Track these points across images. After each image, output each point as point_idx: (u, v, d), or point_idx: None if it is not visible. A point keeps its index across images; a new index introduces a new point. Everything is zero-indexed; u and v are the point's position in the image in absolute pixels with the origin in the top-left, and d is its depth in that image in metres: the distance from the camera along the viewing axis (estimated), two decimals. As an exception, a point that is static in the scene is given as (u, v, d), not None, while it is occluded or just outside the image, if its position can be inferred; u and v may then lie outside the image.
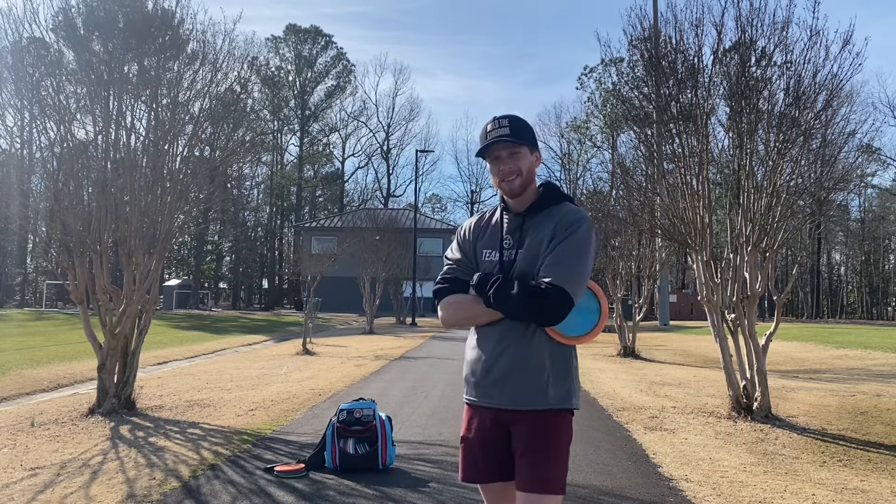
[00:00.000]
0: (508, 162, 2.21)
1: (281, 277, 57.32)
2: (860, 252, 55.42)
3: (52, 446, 5.69)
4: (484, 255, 2.28)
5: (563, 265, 2.11)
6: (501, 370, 2.16)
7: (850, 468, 5.19)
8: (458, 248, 2.37)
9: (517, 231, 2.24)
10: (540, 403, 2.14)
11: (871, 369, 12.16)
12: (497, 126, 2.22)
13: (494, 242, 2.28)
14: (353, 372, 11.63)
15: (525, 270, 2.16)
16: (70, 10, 8.19)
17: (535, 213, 2.25)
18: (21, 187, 8.29)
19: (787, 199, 7.14)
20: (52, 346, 16.08)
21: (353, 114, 60.92)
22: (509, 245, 2.24)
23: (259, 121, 40.50)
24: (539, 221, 2.23)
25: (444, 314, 2.29)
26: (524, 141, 2.22)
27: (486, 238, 2.31)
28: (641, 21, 8.32)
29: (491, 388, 2.18)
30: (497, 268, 2.22)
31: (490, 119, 2.26)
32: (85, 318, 7.21)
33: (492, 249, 2.27)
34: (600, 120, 42.01)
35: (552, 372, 2.15)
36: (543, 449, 2.12)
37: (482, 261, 2.28)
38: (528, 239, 2.20)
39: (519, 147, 2.22)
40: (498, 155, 2.23)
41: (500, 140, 2.20)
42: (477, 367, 2.23)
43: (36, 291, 45.28)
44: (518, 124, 2.24)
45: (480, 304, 2.17)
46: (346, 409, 5.11)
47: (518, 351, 2.15)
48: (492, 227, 2.33)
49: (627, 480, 4.74)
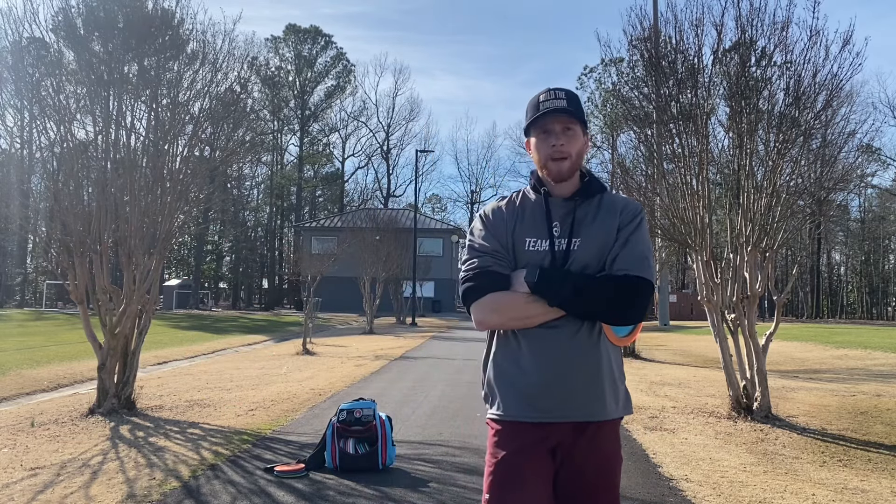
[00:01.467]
0: (562, 138, 1.96)
1: (281, 277, 57.30)
2: (860, 252, 55.41)
3: (52, 446, 5.69)
4: (528, 244, 1.97)
5: (645, 258, 1.93)
6: (577, 377, 1.90)
7: (850, 468, 5.19)
8: (491, 235, 2.01)
9: (568, 218, 1.98)
10: (613, 411, 1.95)
11: (871, 369, 12.15)
12: (553, 97, 1.98)
13: (540, 230, 1.98)
14: (353, 372, 11.63)
15: (587, 263, 1.93)
16: (70, 10, 8.19)
17: (585, 200, 2.01)
18: (21, 187, 8.30)
19: (787, 199, 7.14)
20: (52, 346, 16.08)
21: (353, 114, 60.99)
22: (559, 233, 1.97)
23: (259, 121, 40.47)
24: (594, 209, 2.00)
25: (486, 315, 1.96)
26: (579, 117, 1.99)
27: (527, 224, 2.01)
28: (641, 21, 8.33)
29: (562, 401, 1.89)
30: (548, 259, 1.94)
31: (543, 90, 2.02)
32: (85, 318, 7.21)
33: (537, 238, 1.97)
34: (600, 120, 41.98)
35: (619, 376, 1.99)
36: (615, 469, 1.98)
37: (524, 251, 1.97)
38: (588, 228, 1.96)
39: (574, 123, 1.98)
40: (551, 128, 1.97)
41: (556, 111, 1.95)
42: (537, 377, 1.90)
43: (36, 291, 45.27)
44: (574, 99, 2.00)
45: (538, 302, 1.88)
46: (346, 409, 5.11)
47: (590, 354, 1.92)
48: (531, 213, 2.02)
49: (627, 480, 4.74)
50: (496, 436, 1.96)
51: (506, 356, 1.98)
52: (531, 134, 2.03)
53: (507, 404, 1.94)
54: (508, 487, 1.89)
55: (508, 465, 1.90)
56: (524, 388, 1.92)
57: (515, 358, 1.95)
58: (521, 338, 1.95)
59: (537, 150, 2.01)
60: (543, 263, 1.93)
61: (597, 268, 1.92)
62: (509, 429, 1.93)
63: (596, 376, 1.91)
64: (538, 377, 1.90)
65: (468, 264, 2.00)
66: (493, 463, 1.93)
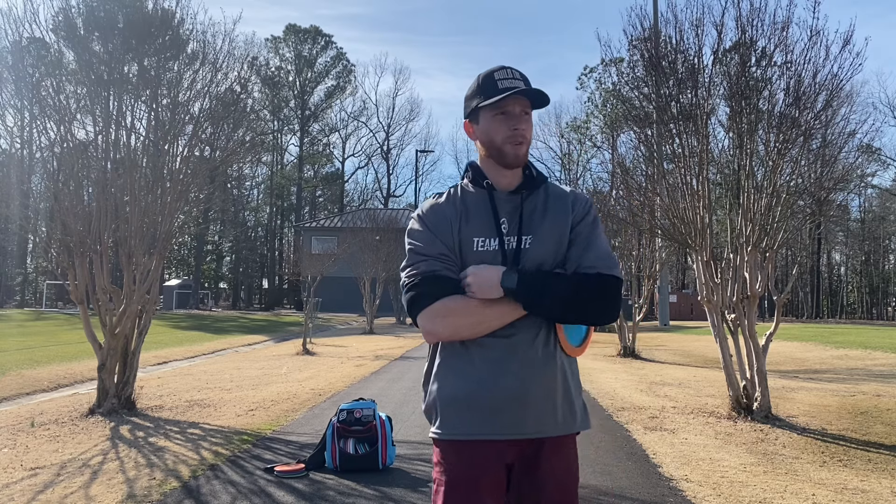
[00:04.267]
0: (522, 122, 1.78)
1: (281, 277, 57.27)
2: (860, 252, 55.41)
3: (52, 446, 5.69)
4: (476, 244, 1.79)
5: (612, 256, 1.81)
6: (534, 391, 1.74)
7: (850, 468, 5.19)
8: (434, 236, 1.82)
9: (515, 213, 1.82)
10: (571, 426, 1.82)
11: (871, 369, 12.15)
12: (510, 76, 1.79)
13: (488, 228, 1.81)
14: (353, 372, 11.63)
15: (541, 262, 1.78)
16: (70, 11, 8.20)
17: (531, 192, 1.85)
18: (21, 187, 8.28)
19: (787, 199, 7.14)
20: (52, 346, 16.08)
21: (353, 114, 61.01)
22: (507, 230, 1.80)
23: (259, 121, 40.52)
24: (541, 203, 1.85)
25: (437, 324, 1.75)
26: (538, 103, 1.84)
27: (473, 222, 1.82)
28: (641, 21, 8.32)
29: (519, 416, 1.74)
30: (499, 259, 1.78)
31: (496, 67, 1.82)
32: (85, 318, 7.21)
33: (485, 237, 1.80)
34: (600, 120, 41.96)
35: (576, 389, 1.85)
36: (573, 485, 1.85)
37: (473, 251, 1.79)
38: (539, 224, 1.81)
39: (530, 108, 1.83)
40: (510, 110, 1.78)
41: (518, 91, 1.76)
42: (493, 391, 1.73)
43: (36, 291, 45.27)
44: (529, 82, 1.83)
45: (495, 307, 1.71)
46: (346, 409, 5.11)
47: (548, 366, 1.77)
48: (476, 209, 1.83)
49: (627, 480, 4.74)
50: (447, 455, 1.78)
51: (454, 369, 1.78)
52: (481, 115, 1.82)
53: (460, 422, 1.76)
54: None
55: (463, 486, 1.74)
56: (478, 403, 1.74)
57: (465, 371, 1.76)
58: (471, 348, 1.76)
59: (492, 133, 1.80)
60: (495, 264, 1.77)
61: (551, 267, 1.79)
62: (462, 447, 1.76)
63: (554, 389, 1.77)
64: (494, 391, 1.73)
65: (410, 270, 1.80)
66: (446, 483, 1.76)
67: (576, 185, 48.39)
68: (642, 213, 8.81)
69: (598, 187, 27.13)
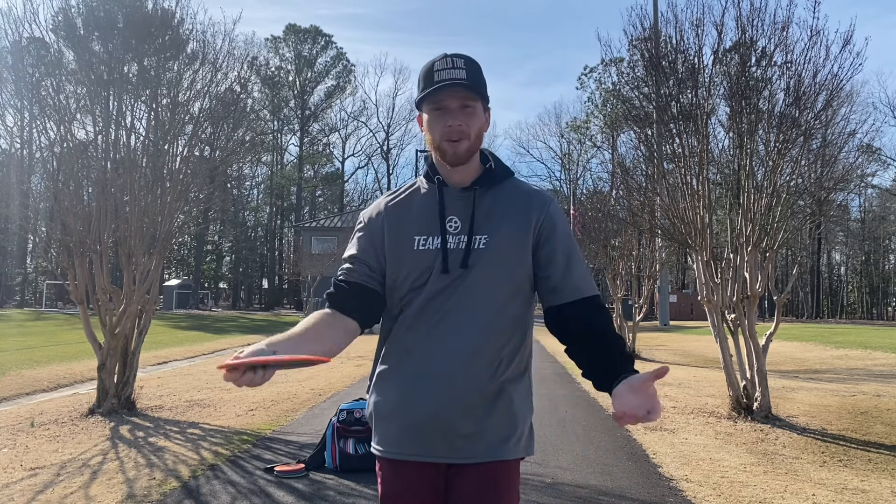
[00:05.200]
0: (459, 116, 1.64)
1: (281, 277, 57.28)
2: (860, 252, 55.42)
3: (51, 446, 5.69)
4: (416, 242, 1.67)
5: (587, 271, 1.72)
6: (456, 410, 1.63)
7: (850, 468, 5.19)
8: (357, 240, 1.74)
9: (467, 211, 1.68)
10: (499, 452, 1.66)
11: (871, 369, 12.15)
12: (450, 66, 1.64)
13: (431, 225, 1.68)
14: (353, 372, 11.63)
15: (494, 265, 1.64)
16: (70, 11, 8.20)
17: (486, 189, 1.71)
18: (21, 187, 8.29)
19: (787, 199, 7.14)
20: (51, 346, 16.08)
21: (353, 114, 61.05)
22: (456, 229, 1.67)
23: (259, 121, 40.51)
24: (501, 201, 1.71)
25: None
26: (480, 94, 1.67)
27: (415, 220, 1.70)
28: (642, 21, 8.33)
29: (440, 436, 1.64)
30: (438, 259, 1.64)
31: (439, 56, 1.67)
32: (85, 318, 7.21)
33: (428, 235, 1.67)
34: (600, 120, 42.03)
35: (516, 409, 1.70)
36: None
37: (412, 251, 1.67)
38: (495, 224, 1.67)
39: (475, 100, 1.66)
40: (445, 105, 1.64)
41: (452, 84, 1.62)
42: (412, 408, 1.64)
43: (36, 291, 45.27)
44: (475, 70, 1.67)
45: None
46: (346, 409, 5.11)
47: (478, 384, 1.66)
48: (420, 206, 1.72)
49: (627, 480, 4.74)
50: (382, 468, 1.74)
51: (387, 380, 1.70)
52: (423, 108, 1.70)
53: (387, 439, 1.70)
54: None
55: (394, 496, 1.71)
56: (402, 420, 1.66)
57: (395, 383, 1.68)
58: (402, 358, 1.67)
59: (430, 130, 1.68)
60: (435, 265, 1.65)
61: (505, 272, 1.65)
62: (391, 464, 1.70)
63: (483, 410, 1.65)
64: (415, 409, 1.63)
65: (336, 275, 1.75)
66: (381, 495, 1.73)
67: (575, 185, 48.40)
68: (642, 213, 8.81)
69: (598, 187, 27.13)
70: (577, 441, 5.99)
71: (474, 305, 1.63)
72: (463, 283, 1.63)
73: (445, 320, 1.63)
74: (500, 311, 1.65)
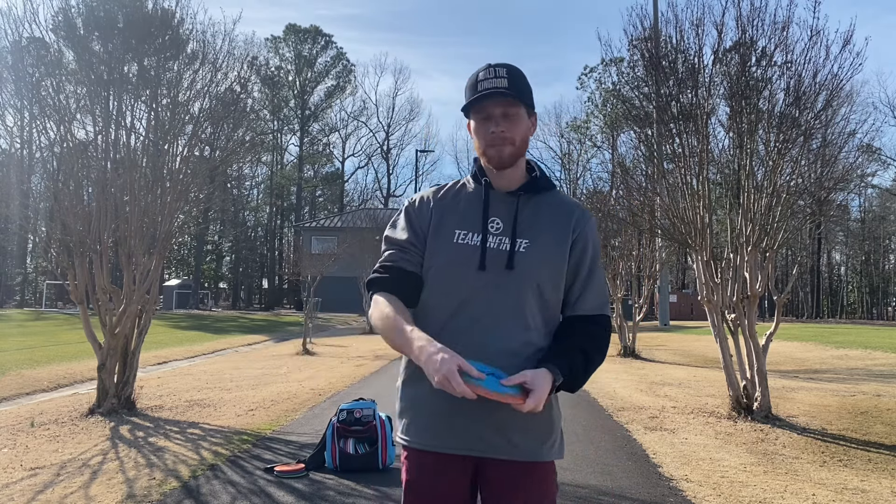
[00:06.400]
0: (502, 123, 1.73)
1: (281, 277, 57.26)
2: (860, 252, 55.42)
3: (51, 446, 5.69)
4: (457, 236, 1.75)
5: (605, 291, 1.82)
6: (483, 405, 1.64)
7: (850, 468, 5.19)
8: (407, 224, 1.81)
9: (511, 215, 1.76)
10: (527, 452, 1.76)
11: (871, 369, 12.15)
12: (493, 75, 1.72)
13: (473, 222, 1.76)
14: (353, 372, 11.63)
15: (536, 270, 1.72)
16: (70, 10, 8.20)
17: (530, 196, 1.80)
18: (21, 187, 8.28)
19: (787, 199, 7.14)
20: (51, 346, 16.08)
21: (353, 114, 60.97)
22: (498, 230, 1.75)
23: (259, 121, 40.49)
24: (539, 209, 1.80)
25: (374, 320, 1.75)
26: (523, 100, 1.75)
27: (459, 215, 1.79)
28: (642, 21, 8.33)
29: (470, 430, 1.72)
30: (478, 255, 1.72)
31: (483, 66, 1.76)
32: (85, 318, 7.21)
33: (469, 231, 1.75)
34: (600, 120, 42.03)
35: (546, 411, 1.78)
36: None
37: (452, 243, 1.75)
38: (537, 231, 1.76)
39: (517, 106, 1.75)
40: (490, 113, 1.74)
41: (495, 93, 1.71)
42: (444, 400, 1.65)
43: (36, 291, 45.26)
44: (518, 77, 1.75)
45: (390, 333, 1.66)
46: (346, 409, 5.11)
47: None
48: (465, 203, 1.81)
49: (627, 480, 4.74)
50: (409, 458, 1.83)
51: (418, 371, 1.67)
52: (471, 115, 1.79)
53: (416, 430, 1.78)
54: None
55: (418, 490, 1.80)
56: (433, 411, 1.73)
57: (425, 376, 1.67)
58: None
59: (476, 136, 1.78)
60: (472, 261, 1.72)
61: (544, 276, 1.73)
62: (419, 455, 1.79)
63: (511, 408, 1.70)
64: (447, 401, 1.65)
65: (381, 256, 1.84)
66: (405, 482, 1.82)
67: (575, 185, 48.37)
68: (642, 213, 8.81)
69: (598, 187, 27.14)
70: (577, 441, 5.99)
71: (514, 305, 1.70)
72: (503, 282, 1.71)
73: (484, 318, 1.69)
74: (537, 312, 1.73)
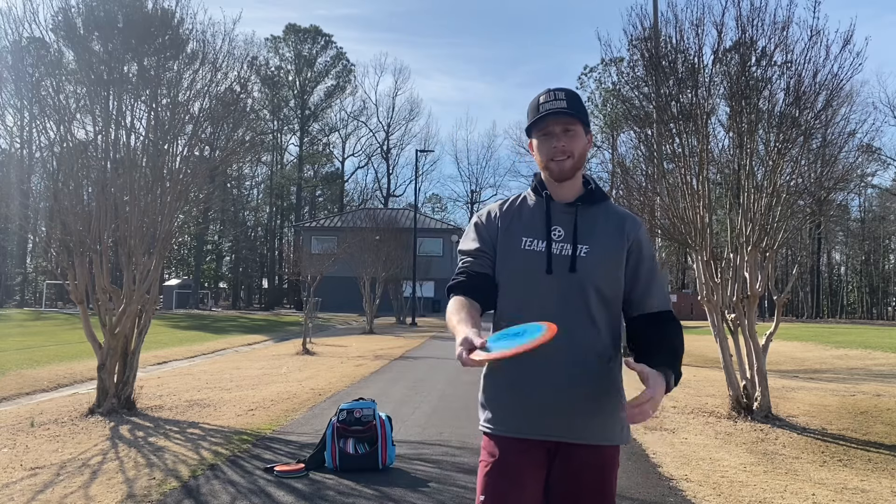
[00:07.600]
0: (563, 139, 1.94)
1: (281, 277, 57.27)
2: (860, 252, 55.41)
3: (51, 446, 5.69)
4: (523, 242, 1.95)
5: (666, 290, 2.03)
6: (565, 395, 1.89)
7: (850, 468, 5.19)
8: (477, 235, 2.03)
9: (570, 223, 1.96)
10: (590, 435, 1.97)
11: (871, 369, 12.15)
12: (553, 98, 1.95)
13: (538, 230, 1.96)
14: (353, 372, 11.63)
15: (598, 273, 1.91)
16: (70, 10, 8.18)
17: (587, 207, 1.99)
18: (21, 187, 8.28)
19: (787, 198, 7.14)
20: (52, 346, 16.08)
21: (353, 114, 60.96)
22: (560, 237, 1.95)
23: (259, 121, 40.54)
24: (595, 218, 1.99)
25: (447, 316, 1.92)
26: (581, 118, 1.96)
27: (525, 224, 1.99)
28: (641, 21, 8.33)
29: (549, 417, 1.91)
30: (544, 260, 1.92)
31: (543, 91, 1.99)
32: (85, 318, 7.21)
33: (535, 238, 1.95)
34: (600, 120, 42.00)
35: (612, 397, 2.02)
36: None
37: (520, 249, 1.95)
38: (595, 238, 1.95)
39: (575, 124, 1.96)
40: (550, 130, 1.95)
41: (555, 112, 1.92)
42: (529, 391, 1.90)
43: (36, 291, 45.27)
44: (575, 99, 1.98)
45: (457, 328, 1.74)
46: (346, 408, 5.11)
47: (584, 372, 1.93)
48: (529, 213, 2.01)
49: (627, 480, 4.74)
50: (488, 443, 1.96)
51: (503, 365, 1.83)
52: (532, 135, 2.01)
53: (498, 418, 1.93)
54: (506, 486, 1.87)
55: (501, 467, 1.89)
56: (516, 402, 1.91)
57: (510, 369, 1.87)
58: None
59: (539, 152, 1.99)
60: (539, 265, 1.91)
61: (605, 277, 1.92)
62: (500, 441, 1.92)
63: (586, 396, 1.90)
64: (531, 392, 1.89)
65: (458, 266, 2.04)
66: (490, 462, 1.91)
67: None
68: (642, 212, 8.80)
69: (598, 187, 27.00)
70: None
71: (579, 304, 1.90)
72: (569, 283, 1.90)
73: (553, 316, 1.79)
74: (599, 311, 1.92)
